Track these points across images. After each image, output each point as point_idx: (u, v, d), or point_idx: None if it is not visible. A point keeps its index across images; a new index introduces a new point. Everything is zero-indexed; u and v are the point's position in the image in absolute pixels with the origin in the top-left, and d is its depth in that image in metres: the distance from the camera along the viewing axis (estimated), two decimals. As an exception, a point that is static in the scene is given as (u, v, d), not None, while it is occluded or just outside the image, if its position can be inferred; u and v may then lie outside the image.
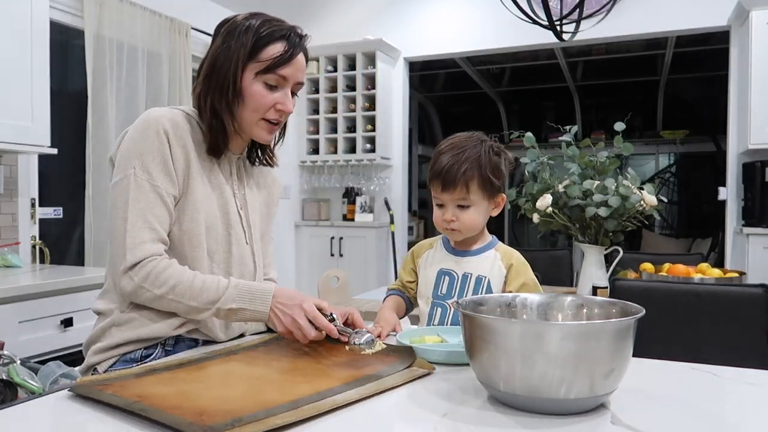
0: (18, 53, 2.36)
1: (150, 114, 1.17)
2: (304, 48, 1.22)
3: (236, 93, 1.17)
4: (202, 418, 0.72)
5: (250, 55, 1.16)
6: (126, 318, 1.16)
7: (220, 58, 1.18)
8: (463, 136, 1.34)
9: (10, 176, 2.70)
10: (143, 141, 1.15)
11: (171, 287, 1.09)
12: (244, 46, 1.16)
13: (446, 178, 1.28)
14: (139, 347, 1.15)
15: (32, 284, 2.12)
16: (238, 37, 1.16)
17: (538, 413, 0.78)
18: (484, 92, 7.37)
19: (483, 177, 1.29)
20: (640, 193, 2.03)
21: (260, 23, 1.18)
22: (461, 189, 1.28)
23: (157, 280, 1.09)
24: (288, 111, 1.22)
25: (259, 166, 1.37)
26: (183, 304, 1.10)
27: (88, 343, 1.20)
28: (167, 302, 1.11)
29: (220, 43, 1.19)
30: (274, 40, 1.17)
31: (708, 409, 0.83)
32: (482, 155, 1.29)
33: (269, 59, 1.16)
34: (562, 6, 3.19)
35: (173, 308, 1.12)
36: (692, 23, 4.16)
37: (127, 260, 1.09)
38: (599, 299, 0.96)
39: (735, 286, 1.93)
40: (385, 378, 0.91)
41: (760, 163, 3.78)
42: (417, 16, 4.87)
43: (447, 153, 1.30)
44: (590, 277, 2.11)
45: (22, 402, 0.85)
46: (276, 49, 1.17)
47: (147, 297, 1.10)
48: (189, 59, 3.58)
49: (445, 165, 1.28)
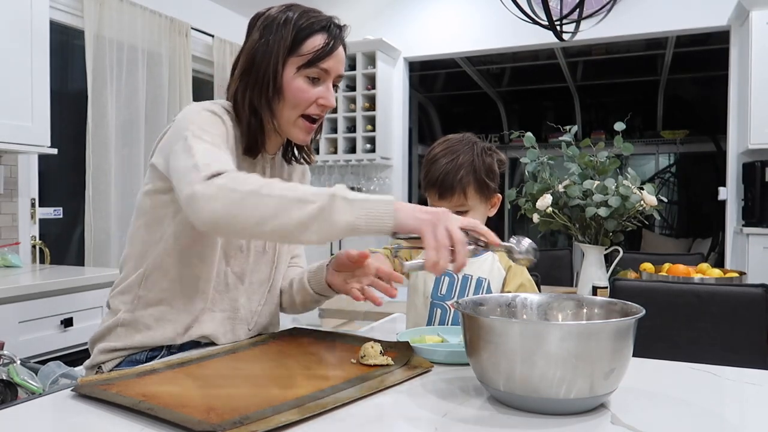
0: (18, 53, 2.36)
1: (194, 103, 1.12)
2: (344, 39, 1.18)
3: (277, 89, 1.12)
4: (209, 415, 0.72)
5: (290, 49, 1.12)
6: (131, 319, 1.14)
7: (259, 53, 1.13)
8: (454, 140, 1.34)
9: (10, 176, 2.70)
10: (197, 117, 1.07)
11: (264, 183, 0.91)
12: (284, 40, 1.11)
13: (443, 187, 1.28)
14: (144, 349, 1.14)
15: (32, 284, 2.12)
16: (277, 30, 1.12)
17: (538, 413, 0.78)
18: (484, 92, 7.37)
19: (479, 181, 1.29)
20: (640, 193, 2.03)
21: (298, 15, 1.13)
22: (459, 196, 1.28)
23: (246, 180, 0.91)
24: (330, 105, 1.16)
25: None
26: (280, 197, 0.88)
27: (95, 339, 1.18)
28: (257, 199, 0.88)
29: (257, 37, 1.14)
30: (315, 33, 1.12)
31: (708, 409, 0.83)
32: (475, 159, 1.29)
33: (311, 52, 1.12)
34: (562, 6, 3.19)
35: (262, 208, 0.88)
36: (692, 23, 4.16)
37: (208, 169, 0.93)
38: (599, 299, 0.96)
39: (735, 286, 1.93)
40: (385, 375, 0.91)
41: (760, 163, 3.78)
42: (417, 16, 4.87)
43: (440, 159, 1.30)
44: (590, 277, 2.10)
45: (22, 402, 0.85)
46: (317, 41, 1.12)
47: (231, 198, 0.89)
48: (189, 59, 3.57)
49: (440, 173, 1.28)
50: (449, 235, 0.84)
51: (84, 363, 1.20)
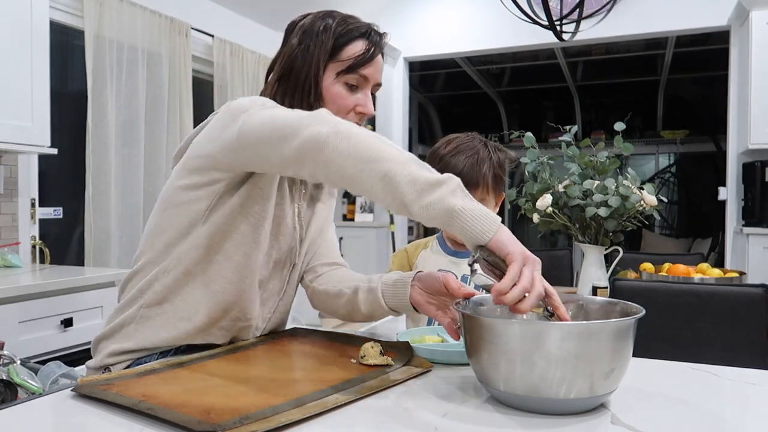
0: (18, 53, 2.36)
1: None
2: (383, 47, 1.17)
3: (318, 95, 1.11)
4: (210, 416, 0.72)
5: (331, 55, 1.11)
6: (147, 314, 1.09)
7: (299, 58, 1.11)
8: (465, 138, 1.35)
9: (10, 176, 2.70)
10: (248, 99, 1.04)
11: (378, 136, 0.91)
12: (324, 45, 1.10)
13: (468, 180, 1.28)
14: (153, 352, 1.10)
15: (32, 284, 2.12)
16: (317, 36, 1.11)
17: (538, 413, 0.78)
18: (484, 92, 7.37)
19: (497, 176, 1.31)
20: (640, 193, 2.02)
21: (338, 22, 1.12)
22: (483, 189, 1.29)
23: (357, 128, 0.91)
24: (369, 113, 1.15)
25: None
26: (391, 147, 0.90)
27: (103, 337, 1.13)
28: (383, 144, 0.90)
29: (296, 43, 1.13)
30: (355, 39, 1.12)
31: (708, 409, 0.83)
32: (492, 154, 1.30)
33: (351, 58, 1.11)
34: (562, 6, 3.19)
35: (390, 152, 0.88)
36: (692, 23, 4.16)
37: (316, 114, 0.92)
38: (599, 299, 0.96)
39: (735, 286, 1.93)
40: (385, 375, 0.91)
41: (760, 163, 3.78)
42: (417, 16, 4.87)
43: (459, 155, 1.30)
44: (590, 277, 2.10)
45: (22, 402, 0.85)
46: (357, 47, 1.12)
47: (363, 135, 0.90)
48: (189, 59, 3.57)
49: (463, 166, 1.29)
50: (532, 280, 0.81)
51: (87, 362, 1.16)
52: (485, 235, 0.83)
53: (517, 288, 0.80)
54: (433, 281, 1.08)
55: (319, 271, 1.29)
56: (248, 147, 0.99)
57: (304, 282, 1.29)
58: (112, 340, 1.12)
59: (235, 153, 1.01)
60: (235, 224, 1.08)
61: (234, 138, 1.00)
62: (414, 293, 1.11)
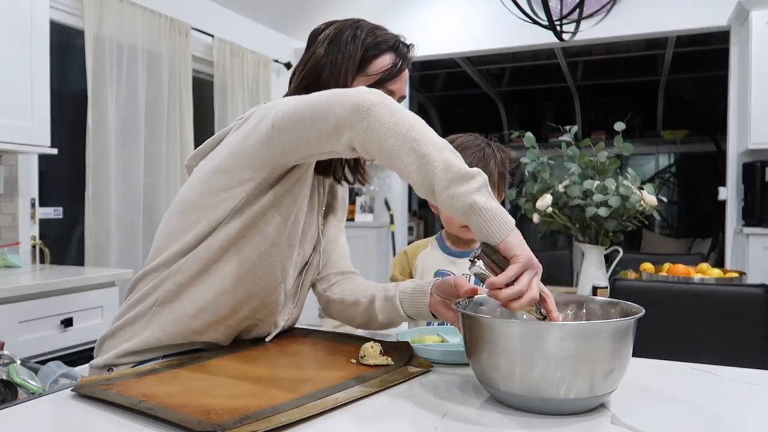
0: (18, 53, 2.36)
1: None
2: (410, 60, 1.15)
3: None
4: (209, 416, 0.72)
5: (358, 68, 1.10)
6: (158, 312, 1.07)
7: (326, 68, 1.10)
8: (468, 137, 1.35)
9: (10, 176, 2.70)
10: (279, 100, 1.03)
11: (418, 117, 0.91)
12: (352, 58, 1.09)
13: None
14: (159, 355, 1.08)
15: (32, 284, 2.12)
16: (345, 47, 1.10)
17: (538, 413, 0.78)
18: (484, 92, 7.37)
19: (501, 174, 1.31)
20: (640, 193, 2.03)
21: (366, 33, 1.11)
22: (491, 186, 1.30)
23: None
24: None
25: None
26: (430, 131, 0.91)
27: (109, 335, 1.11)
28: (414, 120, 0.90)
29: (322, 53, 1.11)
30: (383, 52, 1.11)
31: (708, 409, 0.83)
32: (496, 154, 1.31)
33: (378, 72, 1.10)
34: (562, 6, 3.19)
35: (424, 133, 0.89)
36: (692, 23, 4.16)
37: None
38: (599, 299, 0.96)
39: (735, 286, 1.93)
40: (385, 375, 0.91)
41: (760, 163, 3.78)
42: (417, 16, 4.87)
43: (467, 151, 1.31)
44: (590, 277, 2.10)
45: (22, 402, 0.85)
46: (385, 61, 1.11)
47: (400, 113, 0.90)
48: (189, 59, 3.58)
49: (469, 164, 1.29)
50: (529, 284, 0.83)
51: (91, 362, 1.13)
52: (498, 236, 0.85)
53: (513, 288, 0.82)
54: (449, 287, 1.09)
55: (332, 280, 1.29)
56: (285, 129, 0.97)
57: (317, 290, 1.29)
58: (119, 339, 1.10)
59: (270, 142, 0.99)
60: (258, 227, 1.06)
61: (269, 126, 0.99)
62: (433, 301, 1.12)
